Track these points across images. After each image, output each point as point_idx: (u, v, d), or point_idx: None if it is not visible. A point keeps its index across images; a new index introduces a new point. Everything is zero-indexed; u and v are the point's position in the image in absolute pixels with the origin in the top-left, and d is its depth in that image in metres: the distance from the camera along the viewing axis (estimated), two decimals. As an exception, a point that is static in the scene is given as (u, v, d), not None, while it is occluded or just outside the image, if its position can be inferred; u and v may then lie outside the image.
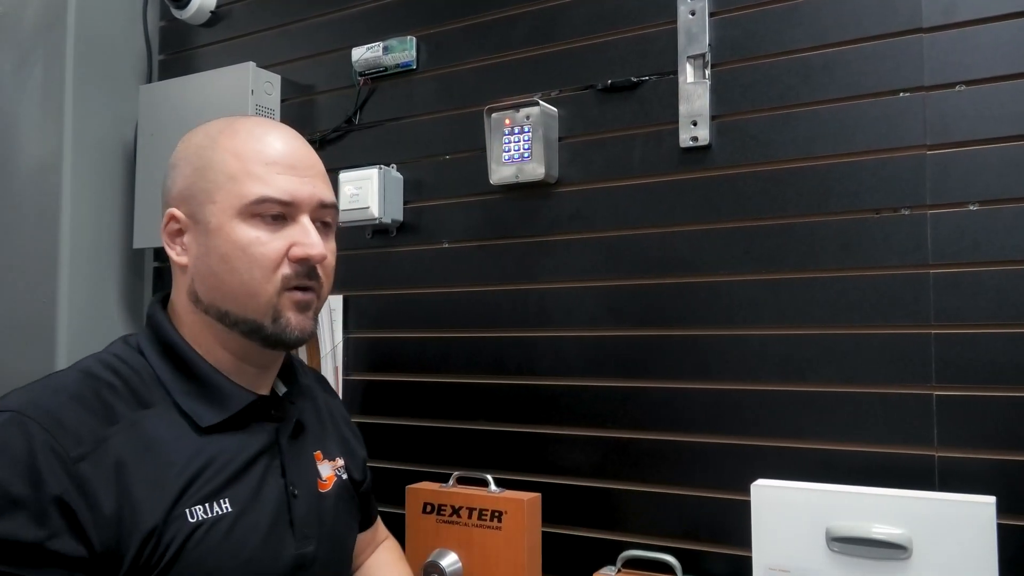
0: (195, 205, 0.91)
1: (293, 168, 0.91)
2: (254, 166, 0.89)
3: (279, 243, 0.89)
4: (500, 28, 1.50)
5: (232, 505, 0.86)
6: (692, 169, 1.31)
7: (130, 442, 0.82)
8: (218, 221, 0.88)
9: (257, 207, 0.88)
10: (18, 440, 0.76)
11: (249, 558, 0.86)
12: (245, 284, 0.88)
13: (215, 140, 0.92)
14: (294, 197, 0.90)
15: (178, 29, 1.94)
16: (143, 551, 0.78)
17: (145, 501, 0.80)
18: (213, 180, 0.90)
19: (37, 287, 1.77)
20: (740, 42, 1.28)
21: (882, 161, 1.17)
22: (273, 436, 0.94)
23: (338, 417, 1.13)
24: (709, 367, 1.27)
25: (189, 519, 0.82)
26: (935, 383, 1.12)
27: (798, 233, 1.22)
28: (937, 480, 1.11)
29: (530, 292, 1.44)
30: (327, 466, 1.03)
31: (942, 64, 1.14)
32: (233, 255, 0.88)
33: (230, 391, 0.91)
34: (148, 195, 1.78)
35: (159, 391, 0.88)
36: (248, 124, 0.94)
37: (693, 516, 1.27)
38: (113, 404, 0.84)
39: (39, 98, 1.81)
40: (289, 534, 0.91)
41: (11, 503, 0.73)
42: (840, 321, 1.18)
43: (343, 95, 1.67)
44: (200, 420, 0.88)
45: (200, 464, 0.85)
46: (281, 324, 0.89)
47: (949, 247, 1.12)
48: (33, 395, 0.82)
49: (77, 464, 0.77)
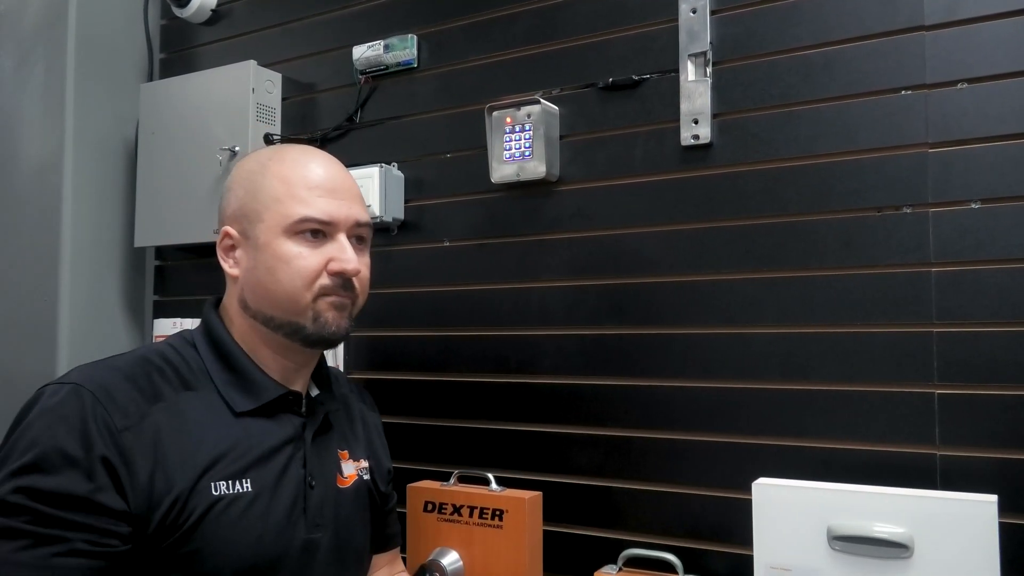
0: (246, 224, 1.03)
1: (333, 192, 1.02)
2: (298, 190, 1.01)
3: (318, 258, 1.00)
4: (501, 26, 1.50)
5: (253, 486, 0.96)
6: (693, 167, 1.31)
7: (169, 419, 0.93)
8: (266, 238, 1.00)
9: (300, 225, 1.00)
10: (75, 408, 0.88)
11: (261, 536, 0.95)
12: (288, 293, 1.00)
13: (265, 166, 1.04)
14: (332, 217, 1.01)
15: (179, 27, 1.94)
16: (169, 514, 0.88)
17: (176, 470, 0.90)
18: (262, 202, 1.01)
19: (38, 286, 1.77)
20: (741, 40, 1.28)
21: (884, 159, 1.17)
22: (299, 429, 1.04)
23: (371, 427, 1.23)
24: (711, 366, 1.27)
25: (213, 492, 0.92)
26: (937, 382, 1.12)
27: (800, 231, 1.22)
28: (939, 479, 1.11)
29: (531, 291, 1.44)
30: (351, 465, 1.12)
31: (944, 62, 1.14)
32: (278, 267, 1.00)
33: (264, 383, 1.02)
34: (149, 194, 1.78)
35: (204, 378, 1.00)
36: (294, 152, 1.07)
37: (695, 515, 1.27)
38: (160, 385, 0.95)
39: (40, 96, 1.81)
40: (302, 520, 1.00)
41: (67, 461, 0.85)
42: (842, 320, 1.18)
43: (344, 93, 1.67)
44: (235, 406, 0.99)
45: (228, 444, 0.96)
46: (320, 323, 1.01)
47: (951, 245, 1.12)
48: (94, 372, 0.93)
49: (122, 434, 0.88)
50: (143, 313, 1.92)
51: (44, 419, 0.87)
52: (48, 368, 1.73)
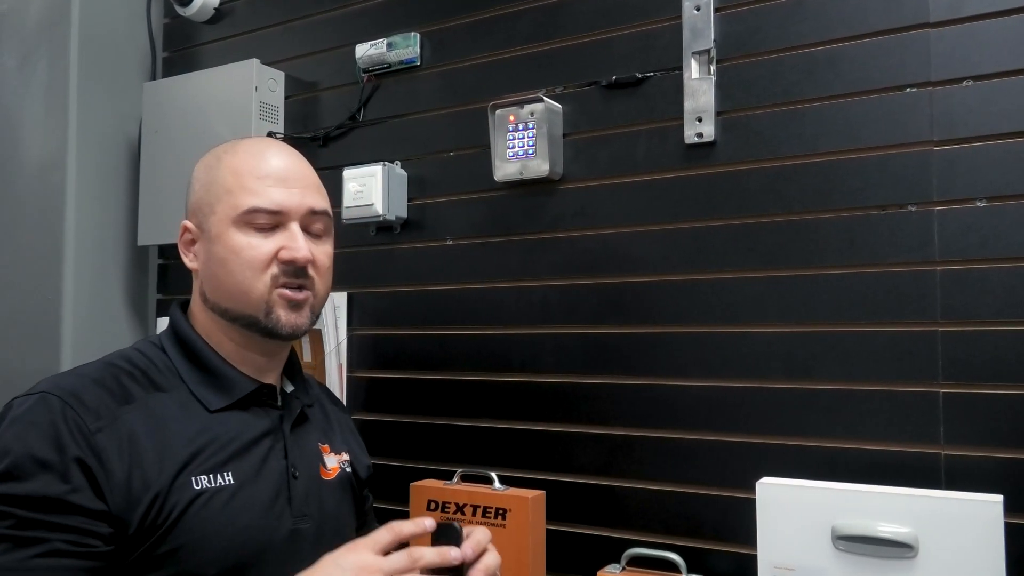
0: (201, 217, 1.02)
1: (284, 181, 1.01)
2: (248, 180, 1.00)
3: (268, 246, 0.99)
4: (504, 24, 1.49)
5: (234, 478, 0.95)
6: (697, 165, 1.30)
7: (143, 418, 0.92)
8: (217, 230, 1.00)
9: (248, 216, 0.99)
10: (44, 415, 0.87)
11: (246, 526, 0.94)
12: (239, 284, 0.99)
13: (219, 159, 1.04)
14: (281, 206, 1.00)
15: (182, 26, 1.94)
16: (149, 512, 0.88)
17: (153, 468, 0.89)
18: (215, 194, 1.01)
19: (41, 284, 1.77)
20: (745, 38, 1.27)
21: (888, 157, 1.16)
22: (276, 422, 1.04)
23: (344, 426, 1.22)
24: (714, 364, 1.27)
25: (194, 486, 0.91)
26: (942, 380, 1.11)
27: (803, 230, 1.21)
28: (944, 478, 1.10)
29: (534, 289, 1.43)
30: (333, 458, 1.12)
31: (949, 59, 1.13)
32: (229, 258, 0.99)
33: (236, 379, 1.02)
34: (152, 192, 1.78)
35: (174, 379, 0.99)
36: (248, 144, 1.06)
37: (698, 514, 1.26)
38: (129, 387, 0.95)
39: (43, 95, 1.81)
40: (287, 510, 1.00)
41: (40, 465, 0.84)
42: (846, 318, 1.18)
43: (347, 92, 1.66)
44: (208, 404, 0.98)
45: (206, 439, 0.95)
46: (272, 319, 1.00)
47: (956, 243, 1.12)
48: (61, 379, 0.93)
49: (95, 435, 0.88)
50: (146, 311, 1.92)
51: (14, 428, 0.87)
52: (52, 367, 1.73)
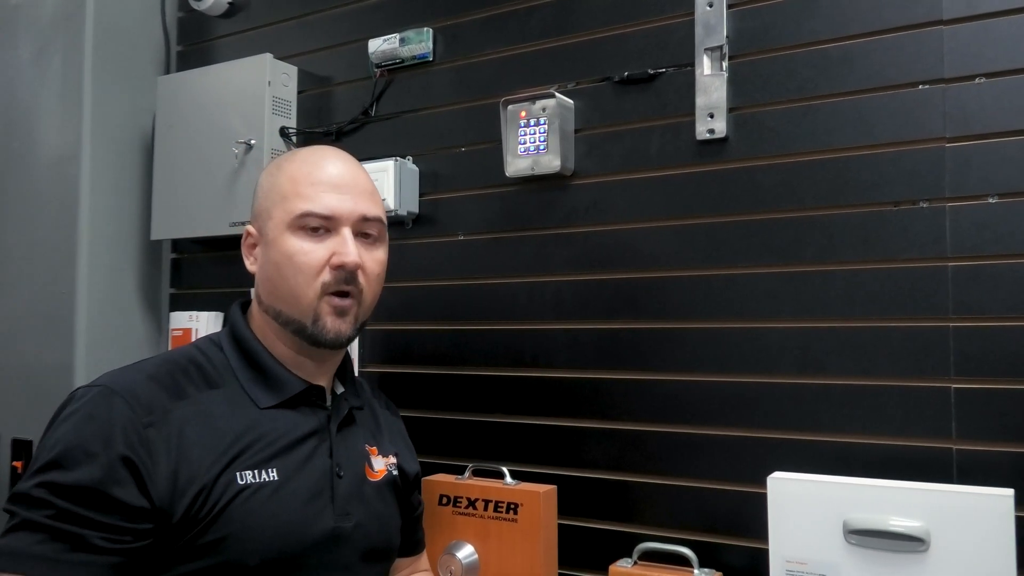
0: (261, 222, 1.07)
1: (337, 187, 1.04)
2: (303, 187, 1.03)
3: (321, 252, 1.02)
4: (517, 19, 1.50)
5: (279, 474, 0.98)
6: (709, 161, 1.31)
7: (193, 414, 0.96)
8: (274, 234, 1.04)
9: (301, 220, 1.02)
10: (102, 409, 0.91)
11: (288, 521, 0.97)
12: (291, 288, 1.02)
13: (280, 167, 1.08)
14: (333, 212, 1.03)
15: (196, 20, 1.94)
16: (194, 504, 0.91)
17: (200, 462, 0.93)
18: (273, 200, 1.05)
19: (56, 278, 1.79)
20: (758, 34, 1.28)
21: (901, 153, 1.17)
22: (324, 421, 1.07)
23: (394, 429, 1.25)
24: (726, 360, 1.27)
25: (238, 481, 0.94)
26: (954, 376, 1.12)
27: (816, 226, 1.22)
28: (955, 473, 1.11)
29: (546, 284, 1.44)
30: (380, 460, 1.14)
31: (962, 56, 1.14)
32: (283, 263, 1.02)
33: (286, 379, 1.05)
34: (166, 186, 1.79)
35: (229, 376, 1.03)
36: (307, 152, 1.09)
37: (710, 509, 1.27)
38: (184, 384, 0.99)
39: (58, 89, 1.82)
40: (330, 508, 1.02)
41: (86, 455, 0.88)
42: (858, 314, 1.18)
43: (360, 87, 1.67)
44: (259, 401, 1.02)
45: (253, 436, 0.98)
46: (319, 326, 1.03)
47: (968, 240, 1.12)
48: (120, 374, 0.97)
49: (146, 429, 0.91)
50: (159, 306, 1.93)
51: (72, 419, 0.91)
52: (66, 359, 1.75)
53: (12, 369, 1.83)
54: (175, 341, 1.83)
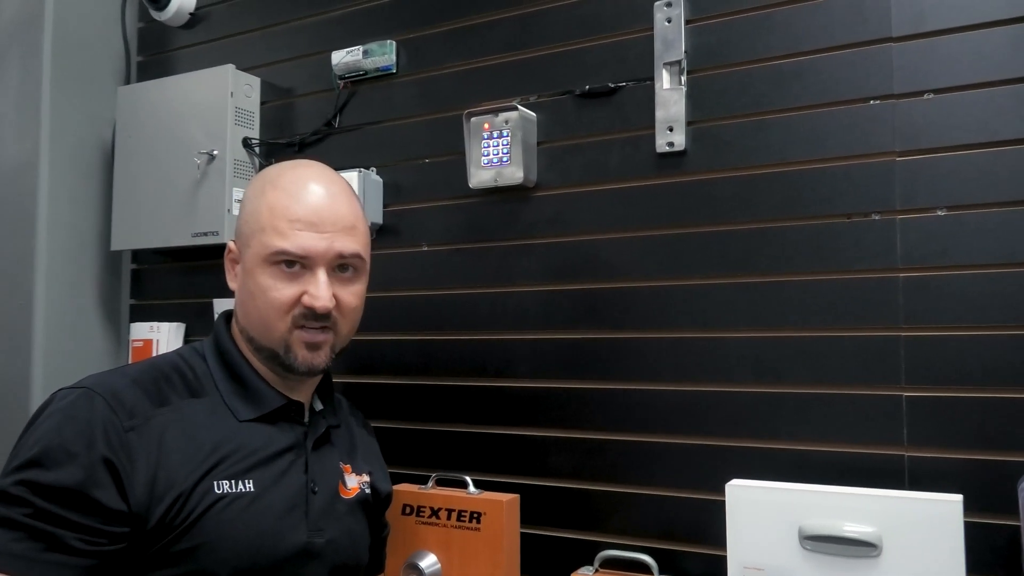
0: (241, 244, 1.07)
1: (314, 225, 1.03)
2: (280, 222, 1.02)
3: (292, 290, 1.02)
4: (480, 33, 1.51)
5: (255, 486, 0.99)
6: (668, 174, 1.33)
7: (174, 421, 0.97)
8: (250, 265, 1.04)
9: (275, 257, 1.02)
10: (84, 409, 0.92)
11: (261, 533, 0.97)
12: (263, 320, 1.03)
13: (263, 190, 1.06)
14: (308, 252, 1.02)
15: (157, 30, 1.93)
16: (170, 511, 0.91)
17: (178, 470, 0.94)
18: (252, 227, 1.05)
19: (13, 289, 1.76)
20: (715, 49, 1.30)
21: (853, 167, 1.20)
22: (300, 437, 1.08)
23: (369, 449, 1.26)
24: (685, 369, 1.29)
25: (215, 490, 0.95)
26: (905, 384, 1.15)
27: (771, 237, 1.24)
28: (907, 479, 1.13)
29: (509, 295, 1.45)
30: (354, 478, 1.15)
31: (911, 72, 1.17)
32: (257, 294, 1.03)
33: (266, 394, 1.06)
34: (126, 197, 1.77)
35: (210, 386, 1.04)
36: (291, 177, 1.06)
37: (669, 516, 1.28)
38: (167, 392, 1.00)
39: (15, 98, 1.80)
40: (303, 523, 1.02)
41: (67, 455, 0.88)
42: (813, 323, 1.21)
43: (323, 98, 1.67)
44: (238, 414, 1.03)
45: (231, 447, 0.99)
46: (291, 357, 1.04)
47: (918, 251, 1.15)
48: (103, 377, 0.98)
49: (127, 433, 0.92)
50: (119, 317, 1.91)
51: (53, 419, 0.92)
52: (23, 372, 1.72)
53: (-33, 382, 1.80)
54: (136, 352, 1.81)
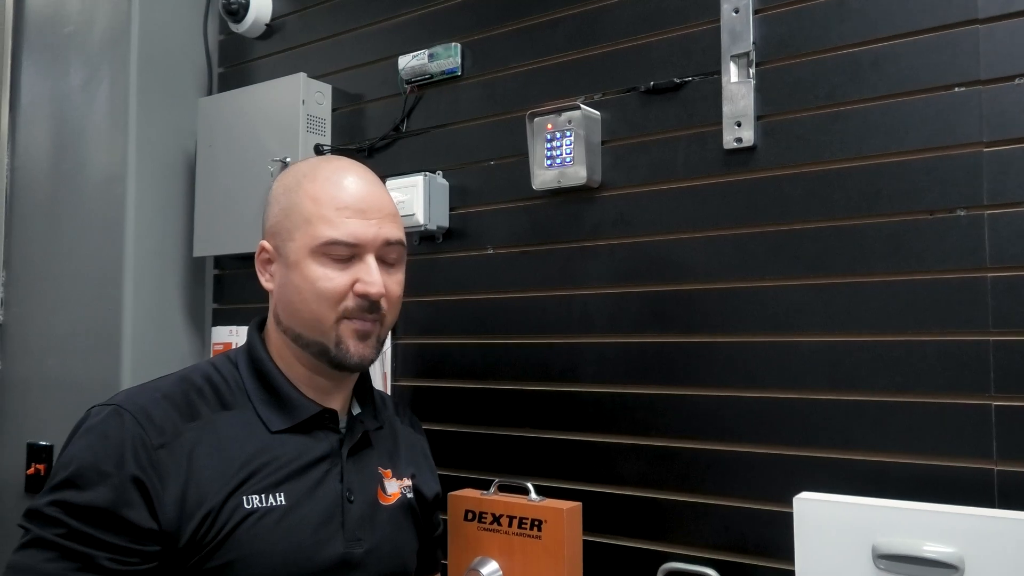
0: (280, 241, 1.05)
1: (362, 212, 1.02)
2: (327, 211, 1.01)
3: (344, 279, 1.01)
4: (542, 32, 1.49)
5: (287, 499, 0.97)
6: (737, 171, 1.27)
7: (205, 436, 0.96)
8: (295, 257, 1.02)
9: (326, 248, 1.01)
10: (115, 428, 0.92)
11: (295, 547, 0.96)
12: (313, 313, 1.01)
13: (299, 183, 1.05)
14: (359, 239, 1.01)
15: (235, 42, 1.99)
16: (201, 527, 0.91)
17: (209, 486, 0.93)
18: (293, 221, 1.03)
19: (103, 294, 1.84)
20: (785, 39, 1.24)
21: (936, 160, 1.12)
22: (335, 445, 1.06)
23: (418, 451, 1.23)
24: (755, 374, 1.23)
25: (245, 505, 0.94)
26: (994, 392, 1.06)
27: (847, 236, 1.17)
28: (996, 496, 1.05)
29: (574, 298, 1.42)
30: (394, 483, 1.12)
31: (1000, 56, 1.08)
32: (305, 288, 1.01)
33: (299, 402, 1.04)
34: (207, 205, 1.83)
35: (242, 397, 1.03)
36: (328, 169, 1.06)
37: (737, 528, 1.23)
38: (197, 405, 0.99)
39: (106, 111, 1.88)
40: (340, 534, 1.00)
41: (99, 475, 0.89)
42: (892, 327, 1.13)
43: (391, 103, 1.68)
44: (270, 425, 1.01)
45: (263, 460, 0.98)
46: (342, 350, 1.02)
47: (1008, 249, 1.06)
48: (134, 394, 0.98)
49: (157, 451, 0.92)
50: (203, 321, 1.97)
51: (85, 438, 0.93)
52: (112, 375, 1.80)
53: (60, 383, 1.89)
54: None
